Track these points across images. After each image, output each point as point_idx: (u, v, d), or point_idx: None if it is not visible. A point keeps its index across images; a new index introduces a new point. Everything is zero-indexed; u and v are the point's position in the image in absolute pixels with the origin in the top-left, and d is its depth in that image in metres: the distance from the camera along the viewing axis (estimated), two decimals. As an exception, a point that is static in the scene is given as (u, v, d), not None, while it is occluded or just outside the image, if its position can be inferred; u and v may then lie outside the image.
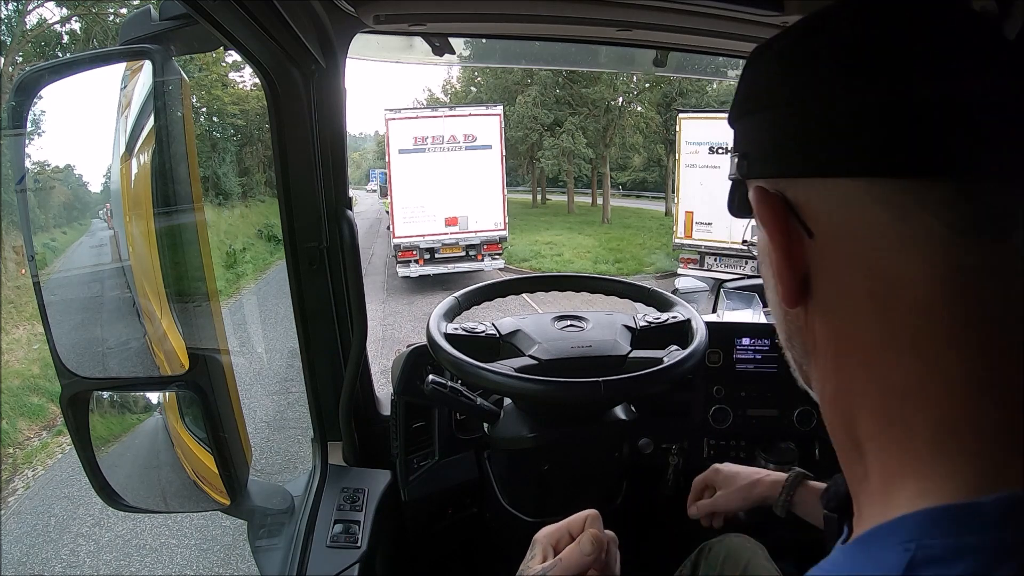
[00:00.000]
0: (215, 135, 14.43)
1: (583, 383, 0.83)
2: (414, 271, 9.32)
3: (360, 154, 43.75)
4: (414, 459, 1.09)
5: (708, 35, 0.89)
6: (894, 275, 0.26)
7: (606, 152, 18.42)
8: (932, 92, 0.25)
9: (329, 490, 0.97)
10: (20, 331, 5.93)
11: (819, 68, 0.28)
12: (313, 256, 0.95)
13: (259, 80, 0.85)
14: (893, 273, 0.26)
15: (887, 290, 0.26)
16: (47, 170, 0.73)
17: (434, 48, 0.99)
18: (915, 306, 0.26)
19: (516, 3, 0.85)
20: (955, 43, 0.25)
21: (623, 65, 1.27)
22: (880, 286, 0.27)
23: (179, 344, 0.69)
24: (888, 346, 0.26)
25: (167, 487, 0.80)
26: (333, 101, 0.89)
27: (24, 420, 5.02)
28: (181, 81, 0.67)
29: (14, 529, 3.65)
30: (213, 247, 3.30)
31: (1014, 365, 0.24)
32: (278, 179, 0.91)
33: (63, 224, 0.79)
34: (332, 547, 0.87)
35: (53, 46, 10.67)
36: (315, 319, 0.99)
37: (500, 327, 1.06)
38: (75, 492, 3.90)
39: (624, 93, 18.78)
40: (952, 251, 0.25)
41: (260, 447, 4.13)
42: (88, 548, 3.47)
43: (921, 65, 0.25)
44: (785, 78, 0.30)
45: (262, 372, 5.50)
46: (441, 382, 0.92)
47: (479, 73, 19.97)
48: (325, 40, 0.84)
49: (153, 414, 0.77)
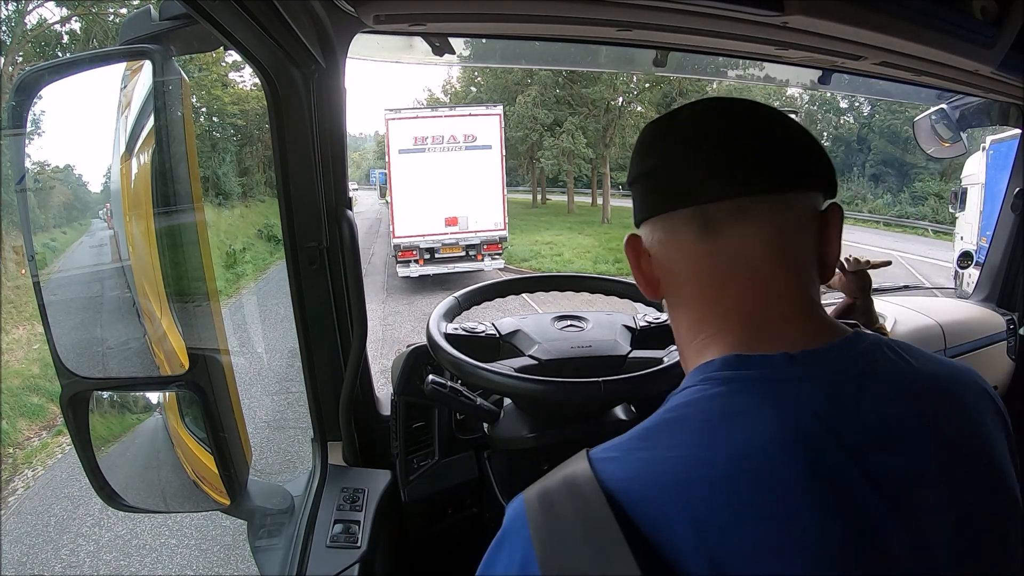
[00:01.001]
0: (215, 135, 14.42)
1: (583, 383, 0.83)
2: (414, 271, 9.32)
3: (360, 154, 43.76)
4: (414, 459, 1.09)
5: (708, 35, 0.89)
6: (684, 263, 0.48)
7: (606, 152, 18.41)
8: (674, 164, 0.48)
9: (329, 490, 0.97)
10: (20, 331, 5.93)
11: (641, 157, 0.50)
12: (313, 256, 0.95)
13: (259, 80, 0.85)
14: (683, 263, 0.48)
15: (686, 273, 0.48)
16: (47, 170, 0.73)
17: (434, 48, 0.98)
18: (697, 277, 0.47)
19: (516, 3, 0.85)
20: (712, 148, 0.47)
21: (623, 65, 1.27)
22: (683, 270, 0.48)
23: (179, 344, 0.69)
24: (695, 296, 0.48)
25: (167, 487, 0.80)
26: (333, 101, 0.89)
27: (24, 420, 5.02)
28: (181, 81, 0.67)
29: (14, 529, 3.65)
30: (213, 247, 3.30)
31: (741, 296, 0.46)
32: (278, 179, 0.91)
33: (63, 224, 0.79)
34: (332, 547, 0.87)
35: (53, 46, 10.67)
36: (315, 319, 0.99)
37: (500, 327, 1.06)
38: (75, 492, 3.90)
39: (624, 93, 18.79)
40: (698, 246, 0.46)
41: (260, 447, 4.13)
42: (88, 548, 3.47)
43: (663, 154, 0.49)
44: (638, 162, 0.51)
45: (262, 372, 5.50)
46: (441, 382, 0.92)
47: (479, 73, 19.96)
48: (325, 40, 0.84)
49: (153, 414, 0.77)
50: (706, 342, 0.47)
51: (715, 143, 0.46)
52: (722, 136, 0.46)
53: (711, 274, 0.46)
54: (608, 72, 12.89)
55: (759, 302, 0.45)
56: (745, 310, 0.45)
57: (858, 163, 23.96)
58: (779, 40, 0.88)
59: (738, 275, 0.45)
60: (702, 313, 0.48)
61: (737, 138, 0.46)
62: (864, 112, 24.46)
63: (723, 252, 0.45)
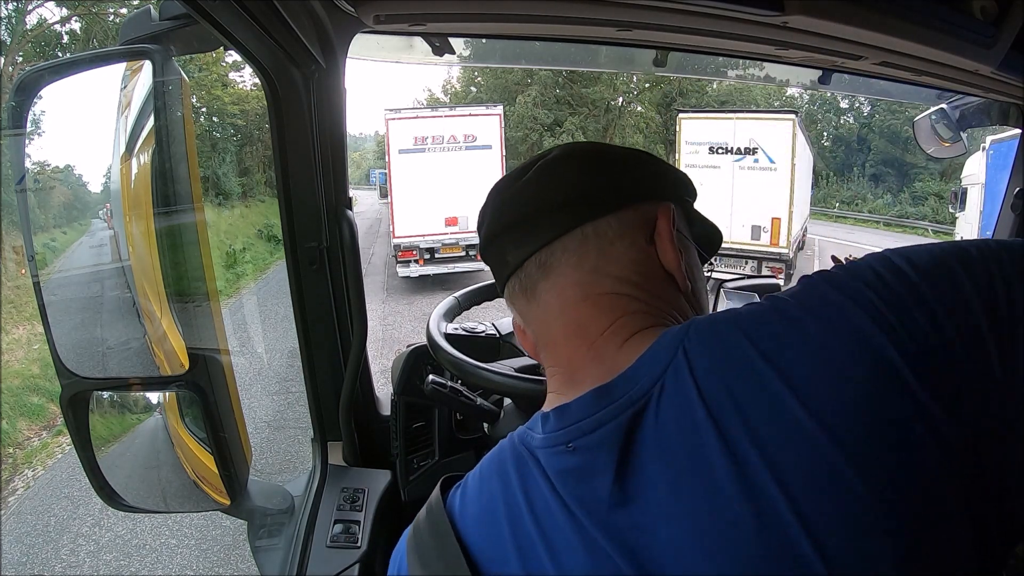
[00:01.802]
0: (215, 135, 14.43)
1: None
2: (414, 271, 9.31)
3: (360, 154, 43.72)
4: (414, 459, 1.09)
5: (708, 35, 0.89)
6: (532, 333, 0.48)
7: (606, 152, 18.38)
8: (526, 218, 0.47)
9: (329, 490, 0.97)
10: (20, 331, 5.94)
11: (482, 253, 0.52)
12: (313, 256, 0.95)
13: (259, 80, 0.85)
14: (531, 332, 0.48)
15: (539, 342, 0.48)
16: (47, 170, 0.73)
17: (434, 48, 0.98)
18: (541, 342, 0.48)
19: (516, 3, 0.85)
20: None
21: (623, 65, 1.27)
22: (534, 339, 0.49)
23: (179, 344, 0.69)
24: (545, 360, 0.48)
25: (167, 487, 0.80)
26: (333, 101, 0.89)
27: (24, 420, 5.02)
28: (181, 81, 0.68)
29: (14, 529, 3.65)
30: (213, 247, 3.31)
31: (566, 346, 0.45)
32: (278, 179, 0.91)
33: (63, 224, 0.79)
34: (332, 547, 0.87)
35: (53, 46, 10.67)
36: (315, 319, 0.99)
37: (500, 327, 1.06)
38: (75, 492, 3.91)
39: (624, 93, 18.80)
40: (530, 313, 0.48)
41: (260, 447, 4.14)
42: (88, 548, 3.47)
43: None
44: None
45: (262, 372, 5.50)
46: (441, 382, 0.92)
47: (479, 73, 19.97)
48: (325, 40, 0.84)
49: (153, 414, 0.77)
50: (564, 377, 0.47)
51: (510, 205, 0.48)
52: (517, 195, 0.47)
53: (548, 335, 0.46)
54: (608, 72, 12.90)
55: (579, 349, 0.44)
56: (568, 362, 0.45)
57: (858, 163, 23.97)
58: (779, 40, 0.88)
59: (564, 330, 0.45)
60: (550, 375, 0.47)
61: (533, 190, 0.47)
62: (864, 112, 24.48)
63: (544, 312, 0.46)
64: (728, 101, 19.32)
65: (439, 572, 0.42)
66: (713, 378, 0.37)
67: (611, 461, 0.38)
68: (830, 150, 24.92)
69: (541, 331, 0.47)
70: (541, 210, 0.45)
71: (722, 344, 0.38)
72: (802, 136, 9.02)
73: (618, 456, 0.38)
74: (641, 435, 0.38)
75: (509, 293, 0.48)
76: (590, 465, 0.39)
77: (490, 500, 0.43)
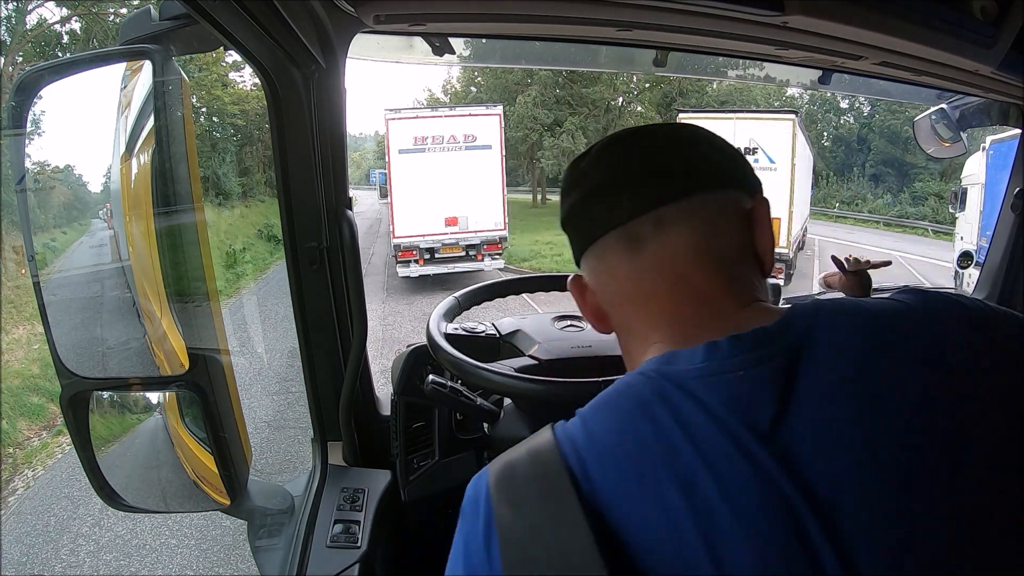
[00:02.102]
0: (215, 135, 14.43)
1: (583, 383, 0.82)
2: (414, 271, 9.32)
3: (360, 154, 43.73)
4: (414, 459, 1.08)
5: (708, 35, 0.89)
6: (618, 286, 0.50)
7: (606, 152, 18.38)
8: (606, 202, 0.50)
9: (329, 490, 0.97)
10: (20, 331, 5.94)
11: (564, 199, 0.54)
12: (313, 256, 0.95)
13: (259, 80, 0.85)
14: (617, 285, 0.50)
15: (623, 294, 0.50)
16: (47, 170, 0.73)
17: (434, 48, 0.98)
18: (631, 296, 0.50)
19: (516, 3, 0.85)
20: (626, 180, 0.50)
21: (623, 65, 1.27)
22: (619, 291, 0.51)
23: (179, 344, 0.69)
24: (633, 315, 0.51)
25: (167, 487, 0.80)
26: (333, 101, 0.89)
27: (24, 420, 5.02)
28: (181, 81, 0.68)
29: (14, 529, 3.65)
30: (213, 247, 3.30)
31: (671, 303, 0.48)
32: (278, 179, 0.91)
33: (63, 224, 0.79)
34: (332, 547, 0.87)
35: (53, 46, 10.68)
36: (315, 319, 0.99)
37: (500, 327, 1.06)
38: (75, 492, 3.91)
39: (624, 93, 18.81)
40: (628, 265, 0.49)
41: (260, 447, 4.14)
42: (88, 548, 3.47)
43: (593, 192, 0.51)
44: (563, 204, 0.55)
45: (262, 372, 5.51)
46: (441, 382, 0.92)
47: (479, 73, 19.97)
48: (325, 40, 0.84)
49: (153, 414, 0.77)
50: (644, 356, 0.49)
51: (623, 165, 0.50)
52: (629, 157, 0.51)
53: (642, 289, 0.49)
54: (608, 72, 12.90)
55: (688, 305, 0.47)
56: (675, 316, 0.48)
57: (858, 163, 23.98)
58: (779, 40, 0.88)
59: (667, 284, 0.48)
60: (641, 332, 0.50)
61: (644, 155, 0.50)
62: (864, 112, 24.48)
63: (650, 264, 0.48)
64: (728, 101, 19.34)
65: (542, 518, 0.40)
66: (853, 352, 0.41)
67: (774, 395, 0.40)
68: (830, 150, 24.94)
69: (633, 287, 0.49)
70: (666, 172, 0.49)
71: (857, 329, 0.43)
72: (802, 136, 9.02)
73: (779, 391, 0.40)
74: (800, 377, 0.41)
75: (601, 247, 0.50)
76: (758, 394, 0.41)
77: (636, 439, 0.41)
